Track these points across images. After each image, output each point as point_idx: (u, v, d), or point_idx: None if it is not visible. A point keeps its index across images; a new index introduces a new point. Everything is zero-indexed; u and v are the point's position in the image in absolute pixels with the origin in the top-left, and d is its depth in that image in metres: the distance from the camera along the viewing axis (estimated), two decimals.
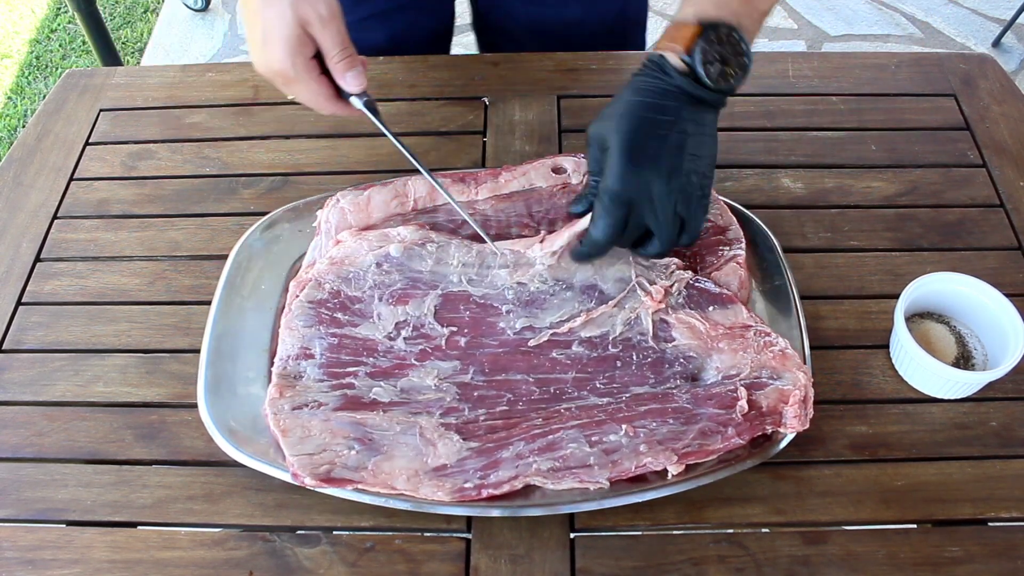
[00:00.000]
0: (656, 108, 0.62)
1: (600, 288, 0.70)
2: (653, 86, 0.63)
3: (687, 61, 0.62)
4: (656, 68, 0.63)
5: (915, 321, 0.72)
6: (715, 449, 0.62)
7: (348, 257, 0.71)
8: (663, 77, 0.63)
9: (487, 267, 0.71)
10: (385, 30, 1.00)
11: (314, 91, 0.68)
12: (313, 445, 0.61)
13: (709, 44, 0.62)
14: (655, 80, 0.63)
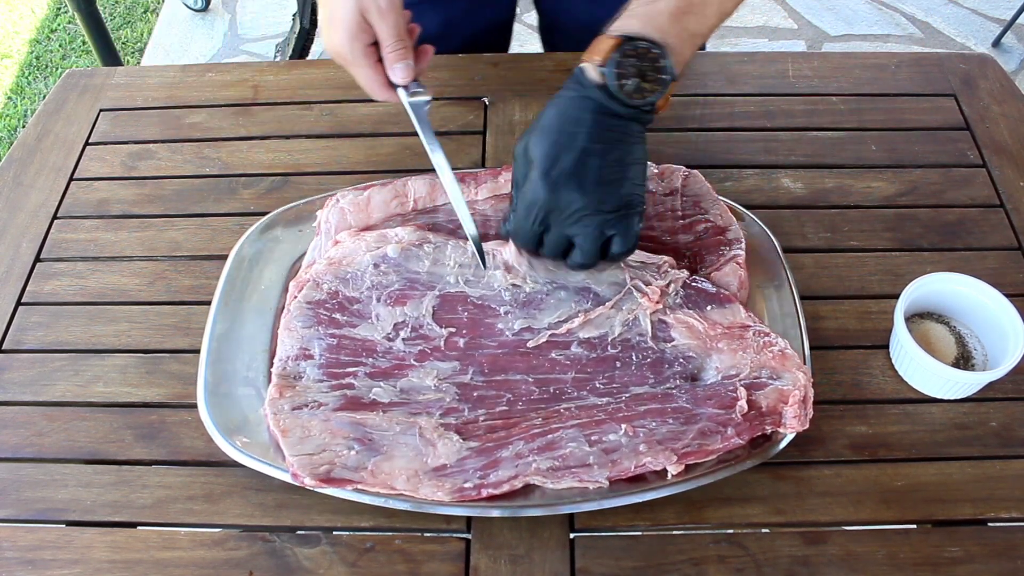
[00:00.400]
0: (572, 121, 0.62)
1: (594, 291, 0.70)
2: (570, 99, 0.63)
3: (602, 73, 0.62)
4: (574, 81, 0.64)
5: (915, 321, 0.72)
6: (715, 449, 0.62)
7: (346, 257, 0.71)
8: (579, 89, 0.63)
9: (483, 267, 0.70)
10: (440, 15, 0.99)
11: (369, 77, 0.71)
12: (313, 445, 0.61)
13: (625, 58, 0.62)
14: (572, 92, 0.63)
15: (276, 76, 0.95)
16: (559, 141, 0.62)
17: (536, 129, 0.64)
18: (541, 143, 0.62)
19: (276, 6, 2.42)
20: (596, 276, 0.70)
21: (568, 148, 0.62)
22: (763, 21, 2.32)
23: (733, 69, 0.94)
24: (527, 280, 0.70)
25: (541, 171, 0.62)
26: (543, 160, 0.62)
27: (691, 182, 0.78)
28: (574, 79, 0.64)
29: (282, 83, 0.94)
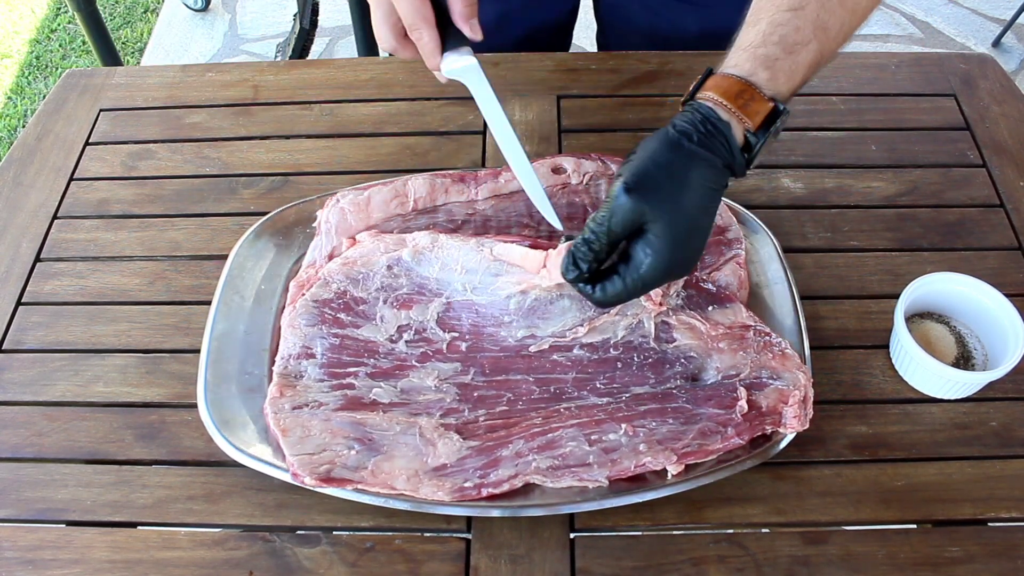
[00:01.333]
0: (708, 198, 0.56)
1: None
2: (712, 170, 0.56)
3: (751, 141, 0.57)
4: (722, 139, 0.56)
5: (915, 321, 0.72)
6: (715, 449, 0.62)
7: (362, 257, 0.71)
8: (723, 152, 0.56)
9: (491, 275, 0.70)
10: (496, 8, 0.97)
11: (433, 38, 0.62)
12: (313, 445, 0.61)
13: (775, 134, 0.57)
14: (714, 159, 0.56)
15: (276, 76, 0.95)
16: (692, 226, 0.56)
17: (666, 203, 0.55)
18: (673, 227, 0.55)
19: (276, 6, 2.42)
20: None
21: (699, 234, 0.57)
22: None
23: None
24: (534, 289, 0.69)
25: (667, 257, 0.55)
26: (673, 245, 0.55)
27: None
28: (718, 136, 0.56)
29: (282, 83, 0.94)
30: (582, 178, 0.77)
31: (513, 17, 1.02)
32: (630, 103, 0.91)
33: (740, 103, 0.56)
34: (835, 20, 0.59)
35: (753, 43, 0.58)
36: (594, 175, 0.77)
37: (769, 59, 0.57)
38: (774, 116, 0.57)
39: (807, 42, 0.58)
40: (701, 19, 0.98)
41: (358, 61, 0.97)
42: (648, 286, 0.57)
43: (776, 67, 0.57)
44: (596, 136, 0.88)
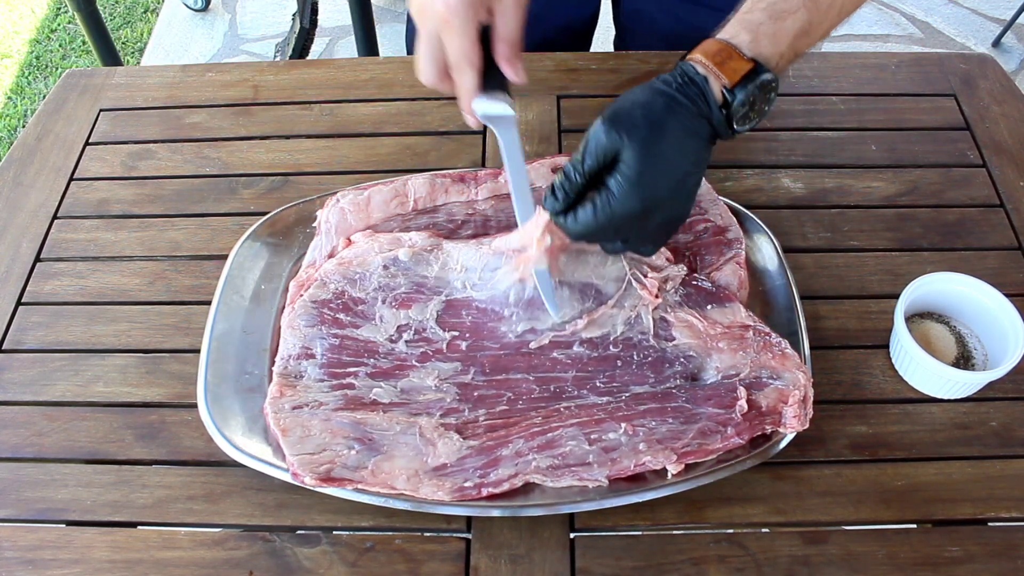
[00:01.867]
0: (680, 140, 0.57)
1: (597, 287, 0.70)
2: (688, 114, 0.58)
3: (727, 97, 0.58)
4: (697, 90, 0.58)
5: (915, 321, 0.72)
6: (714, 449, 0.62)
7: (357, 258, 0.71)
8: (699, 105, 0.58)
9: (490, 270, 0.70)
10: None
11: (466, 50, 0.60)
12: (313, 445, 0.61)
13: (757, 89, 0.57)
14: (690, 107, 0.58)
15: (276, 76, 0.95)
16: (663, 161, 0.57)
17: (638, 133, 0.56)
18: (644, 159, 0.56)
19: (276, 6, 2.42)
20: (601, 271, 0.70)
21: (670, 172, 0.57)
22: None
23: None
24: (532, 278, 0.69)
25: (637, 190, 0.56)
26: (642, 177, 0.56)
27: None
28: (694, 86, 0.58)
29: (282, 83, 0.94)
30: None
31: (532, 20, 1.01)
32: None
33: (717, 60, 0.58)
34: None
35: (741, 11, 0.61)
36: None
37: (753, 24, 0.59)
38: (754, 75, 0.58)
39: (795, 11, 0.59)
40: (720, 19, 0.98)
41: (358, 61, 0.97)
42: (618, 219, 0.57)
43: (759, 31, 0.59)
44: None
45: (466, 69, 0.61)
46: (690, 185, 0.60)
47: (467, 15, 0.58)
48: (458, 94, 0.64)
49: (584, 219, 0.58)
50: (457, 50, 0.61)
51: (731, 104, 0.58)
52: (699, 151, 0.59)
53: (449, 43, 0.61)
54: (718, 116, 0.58)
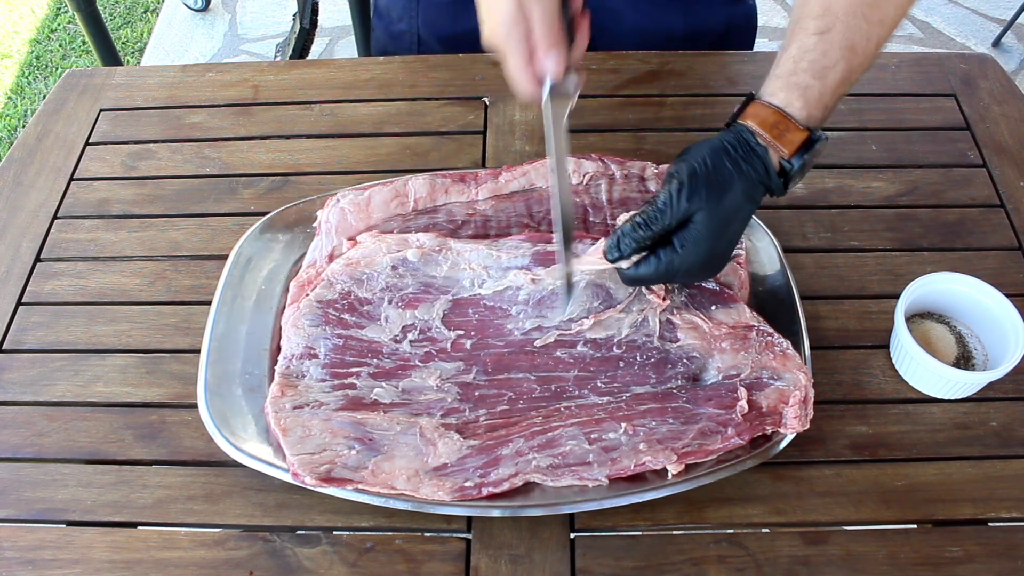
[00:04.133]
0: (740, 204, 0.62)
1: (609, 288, 0.69)
2: (751, 181, 0.62)
3: (786, 167, 0.62)
4: (759, 161, 0.62)
5: (915, 321, 0.72)
6: (714, 449, 0.62)
7: (365, 258, 0.71)
8: (760, 172, 0.62)
9: (503, 268, 0.70)
10: None
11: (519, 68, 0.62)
12: (313, 445, 0.61)
13: (812, 155, 0.62)
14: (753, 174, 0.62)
15: (276, 76, 0.95)
16: (725, 226, 0.62)
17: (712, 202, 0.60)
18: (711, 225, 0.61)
19: (276, 6, 2.42)
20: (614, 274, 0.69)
21: (729, 234, 0.62)
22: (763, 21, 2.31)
23: (733, 69, 0.94)
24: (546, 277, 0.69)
25: (700, 250, 0.61)
26: (707, 240, 0.61)
27: None
28: (756, 158, 0.62)
29: (282, 83, 0.94)
30: (582, 178, 0.77)
31: None
32: (630, 103, 0.91)
33: (776, 133, 0.61)
34: (861, 37, 0.62)
35: (786, 70, 0.62)
36: (594, 175, 0.77)
37: (801, 87, 0.62)
38: (810, 143, 0.61)
39: (835, 64, 0.61)
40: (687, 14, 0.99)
41: (358, 61, 0.97)
42: (675, 274, 0.63)
43: (808, 95, 0.61)
44: (596, 136, 0.88)
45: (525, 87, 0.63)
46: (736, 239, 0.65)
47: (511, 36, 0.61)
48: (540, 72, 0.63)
49: (646, 272, 0.63)
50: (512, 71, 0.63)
51: (789, 172, 0.62)
52: (752, 212, 0.64)
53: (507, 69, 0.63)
54: (776, 182, 0.62)
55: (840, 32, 0.61)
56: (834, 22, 0.61)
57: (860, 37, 0.62)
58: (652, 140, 0.88)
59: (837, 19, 0.61)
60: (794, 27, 0.63)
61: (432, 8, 0.99)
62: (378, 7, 1.05)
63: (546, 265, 0.70)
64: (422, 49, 1.02)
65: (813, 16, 0.62)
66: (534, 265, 0.70)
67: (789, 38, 0.64)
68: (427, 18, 1.00)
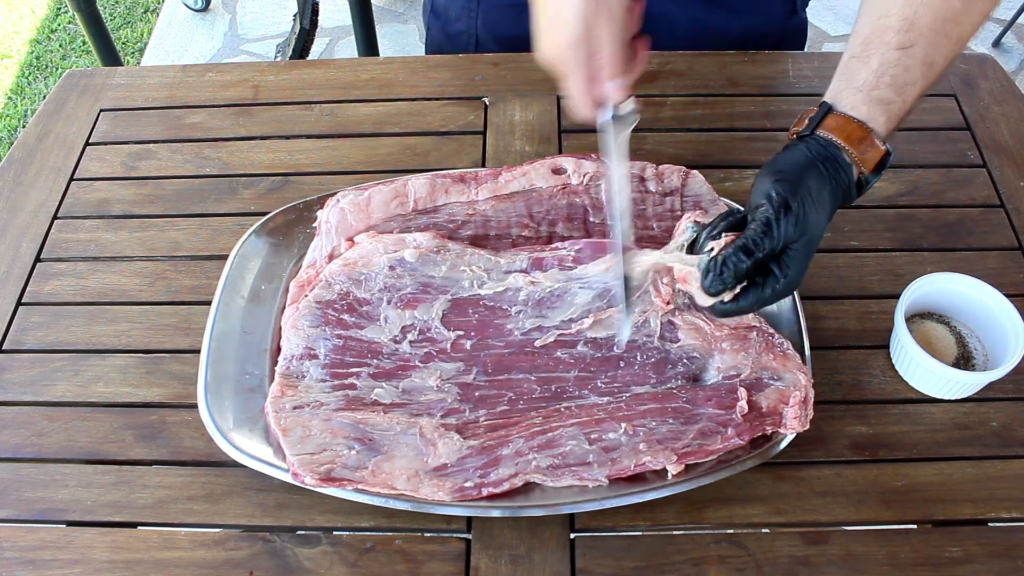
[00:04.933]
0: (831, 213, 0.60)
1: (611, 288, 0.69)
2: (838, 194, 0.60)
3: (864, 181, 0.61)
4: (846, 178, 0.60)
5: (915, 321, 0.72)
6: (714, 449, 0.62)
7: (362, 258, 0.71)
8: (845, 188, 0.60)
9: (503, 271, 0.70)
10: None
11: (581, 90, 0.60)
12: (313, 445, 0.61)
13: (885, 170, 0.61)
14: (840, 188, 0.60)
15: (276, 76, 0.95)
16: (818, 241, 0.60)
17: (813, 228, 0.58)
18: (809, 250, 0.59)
19: (276, 6, 2.42)
20: None
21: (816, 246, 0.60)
22: None
23: (733, 69, 0.94)
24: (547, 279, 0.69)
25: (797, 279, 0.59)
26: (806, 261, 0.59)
27: (691, 182, 0.78)
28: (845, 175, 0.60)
29: (282, 83, 0.94)
30: (582, 178, 0.77)
31: None
32: None
33: (861, 149, 0.60)
34: (940, 54, 0.61)
35: (868, 84, 0.60)
36: (594, 175, 0.77)
37: (883, 102, 0.60)
38: (885, 160, 0.60)
39: (915, 81, 0.60)
40: (743, 24, 0.99)
41: (358, 61, 0.97)
42: (771, 301, 0.60)
43: (890, 111, 0.60)
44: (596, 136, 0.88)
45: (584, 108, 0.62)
46: None
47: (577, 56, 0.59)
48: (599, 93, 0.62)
49: (746, 304, 0.60)
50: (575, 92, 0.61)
51: (864, 185, 0.61)
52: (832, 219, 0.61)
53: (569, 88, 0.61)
54: (854, 198, 0.61)
55: (923, 48, 0.60)
56: (918, 38, 0.60)
57: (939, 54, 0.60)
58: (652, 140, 0.88)
59: (921, 35, 0.60)
60: (872, 38, 0.61)
61: (493, 10, 0.99)
62: (435, 6, 1.05)
63: (543, 270, 0.70)
64: (479, 50, 1.02)
65: (896, 30, 0.60)
66: (533, 269, 0.70)
67: (865, 48, 0.61)
68: (487, 19, 1.00)
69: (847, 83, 0.61)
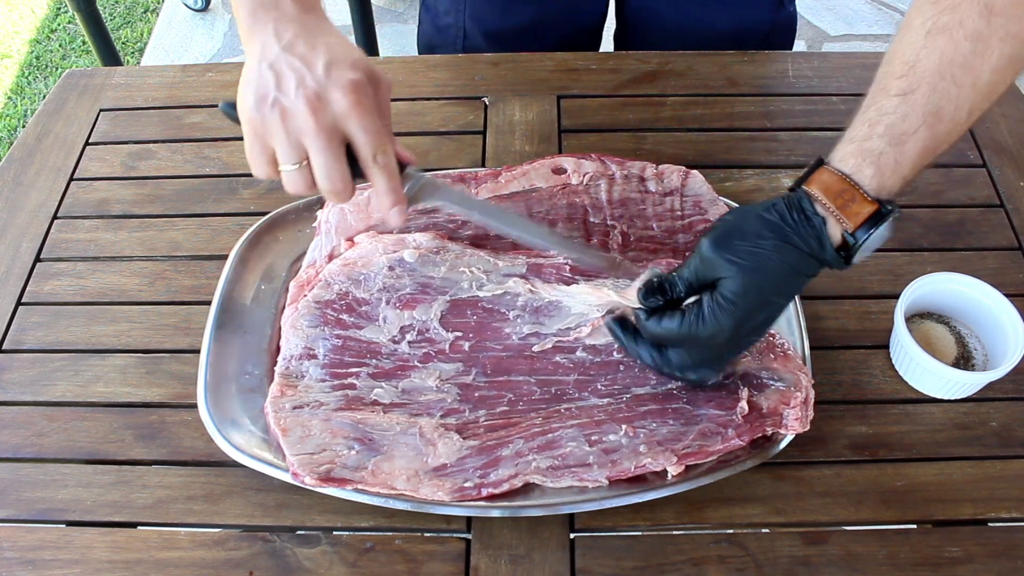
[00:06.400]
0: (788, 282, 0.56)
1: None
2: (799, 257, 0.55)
3: (848, 241, 0.55)
4: (813, 232, 0.55)
5: (915, 321, 0.72)
6: (715, 450, 0.62)
7: (362, 259, 0.71)
8: (813, 244, 0.55)
9: (503, 275, 0.70)
10: (531, 14, 0.99)
11: (342, 172, 0.56)
12: (313, 445, 0.61)
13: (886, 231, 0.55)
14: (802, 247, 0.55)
15: None
16: (761, 298, 0.56)
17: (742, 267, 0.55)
18: (743, 295, 0.55)
19: None
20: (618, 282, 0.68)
21: (765, 307, 0.56)
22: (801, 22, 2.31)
23: (733, 69, 0.94)
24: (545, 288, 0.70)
25: (729, 318, 0.56)
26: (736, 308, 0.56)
27: (691, 182, 0.78)
28: (810, 228, 0.55)
29: None
30: (582, 178, 0.77)
31: (550, 21, 1.02)
32: (630, 103, 0.91)
33: (840, 203, 0.55)
34: (949, 102, 0.54)
35: (860, 135, 0.56)
36: (594, 175, 0.77)
37: (874, 153, 0.55)
38: (879, 217, 0.55)
39: (915, 130, 0.54)
40: (731, 17, 0.99)
41: None
42: (698, 338, 0.58)
43: (882, 163, 0.55)
44: (596, 136, 0.88)
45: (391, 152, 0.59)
46: (776, 317, 0.59)
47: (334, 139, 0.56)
48: (388, 188, 0.59)
49: (667, 328, 0.59)
50: (332, 173, 0.57)
51: (851, 246, 0.55)
52: (799, 287, 0.57)
53: (321, 168, 0.57)
54: (832, 256, 0.56)
55: (924, 95, 0.54)
56: (918, 83, 0.54)
57: (948, 102, 0.54)
58: (652, 140, 0.88)
59: (922, 80, 0.54)
60: (875, 88, 0.57)
61: (480, 3, 0.99)
62: (426, 1, 1.05)
63: (542, 277, 0.70)
64: (467, 43, 1.02)
65: (896, 76, 0.55)
66: (532, 275, 0.70)
67: (868, 99, 0.57)
68: (474, 12, 1.00)
69: (845, 137, 0.57)
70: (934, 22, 0.54)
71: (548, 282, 0.70)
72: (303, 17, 0.58)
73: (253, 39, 0.57)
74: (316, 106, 0.54)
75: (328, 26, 0.59)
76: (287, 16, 0.57)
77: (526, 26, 0.99)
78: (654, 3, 1.01)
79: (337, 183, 0.56)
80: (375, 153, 0.57)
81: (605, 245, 0.74)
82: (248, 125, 0.56)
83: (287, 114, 0.55)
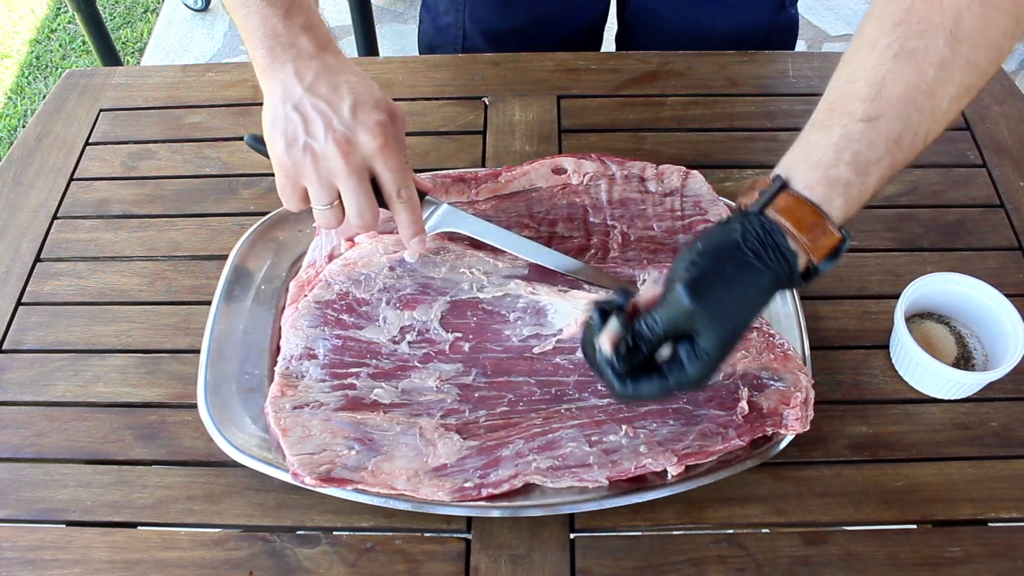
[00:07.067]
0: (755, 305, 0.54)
1: None
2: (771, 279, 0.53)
3: (812, 269, 0.54)
4: (787, 266, 0.53)
5: (915, 321, 0.72)
6: (715, 450, 0.62)
7: (362, 259, 0.71)
8: (784, 275, 0.54)
9: (503, 276, 0.70)
10: (532, 13, 0.99)
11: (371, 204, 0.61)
12: (313, 445, 0.61)
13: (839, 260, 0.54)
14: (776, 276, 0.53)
15: None
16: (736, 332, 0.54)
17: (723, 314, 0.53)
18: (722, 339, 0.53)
19: None
20: None
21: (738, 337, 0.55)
22: None
23: (733, 69, 0.94)
24: None
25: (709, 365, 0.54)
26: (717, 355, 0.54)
27: (691, 182, 0.78)
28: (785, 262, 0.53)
29: None
30: (582, 178, 0.77)
31: (549, 21, 1.02)
32: (630, 103, 0.91)
33: (812, 236, 0.53)
34: (909, 130, 0.53)
35: (826, 160, 0.54)
36: (594, 175, 0.77)
37: (842, 183, 0.53)
38: (839, 248, 0.54)
39: (879, 159, 0.53)
40: (731, 19, 0.99)
41: (358, 61, 0.97)
42: (682, 389, 0.56)
43: (849, 194, 0.53)
44: (596, 136, 0.88)
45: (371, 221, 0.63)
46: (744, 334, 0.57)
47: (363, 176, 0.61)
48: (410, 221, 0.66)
49: (648, 390, 0.55)
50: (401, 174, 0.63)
51: (812, 273, 0.55)
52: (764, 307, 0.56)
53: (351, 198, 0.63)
54: (799, 284, 0.55)
55: (888, 122, 0.52)
56: (885, 109, 0.52)
57: (908, 130, 0.53)
58: (652, 140, 0.88)
59: (889, 105, 0.52)
60: (837, 105, 0.55)
61: (479, 3, 0.99)
62: (426, 1, 1.05)
63: (544, 280, 0.70)
64: (466, 43, 1.03)
65: (862, 98, 0.53)
66: (531, 276, 0.70)
67: (829, 116, 0.55)
68: (474, 12, 1.00)
69: (806, 155, 0.55)
70: (901, 45, 0.52)
71: (549, 284, 0.70)
72: (321, 55, 0.61)
73: (272, 77, 0.60)
74: (346, 150, 0.58)
75: (346, 63, 0.62)
76: (305, 54, 0.60)
77: (526, 26, 0.99)
78: (654, 5, 1.01)
79: (368, 219, 0.62)
80: (399, 189, 0.62)
81: (605, 245, 0.74)
82: (280, 167, 0.61)
83: (318, 158, 0.59)
